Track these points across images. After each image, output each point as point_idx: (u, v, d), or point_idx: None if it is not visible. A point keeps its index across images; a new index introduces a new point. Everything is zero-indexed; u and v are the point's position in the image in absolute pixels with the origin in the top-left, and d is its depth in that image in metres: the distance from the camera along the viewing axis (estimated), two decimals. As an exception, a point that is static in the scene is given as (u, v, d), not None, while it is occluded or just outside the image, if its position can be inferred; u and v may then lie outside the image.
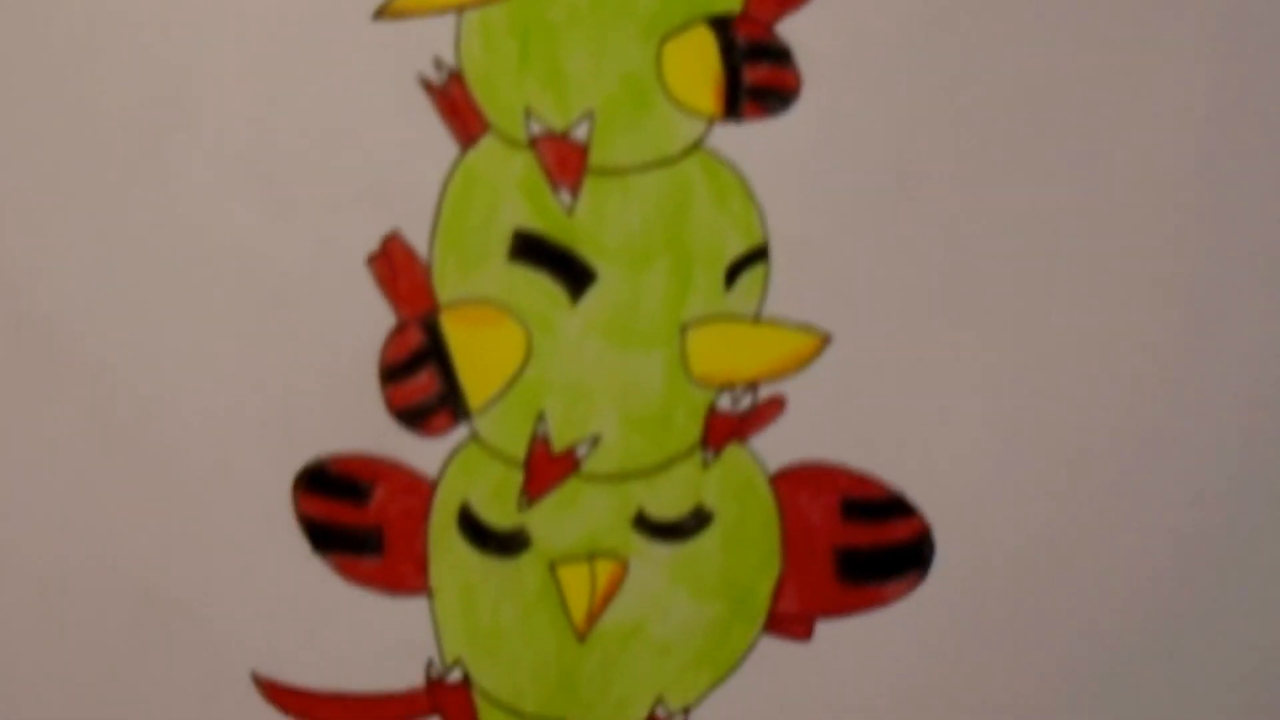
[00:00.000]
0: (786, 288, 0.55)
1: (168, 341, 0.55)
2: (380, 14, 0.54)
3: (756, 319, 0.55)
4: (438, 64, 0.55)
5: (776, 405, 0.56)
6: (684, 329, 0.55)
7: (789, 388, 0.55)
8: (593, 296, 0.55)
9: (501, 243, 0.55)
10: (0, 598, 0.56)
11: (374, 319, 0.55)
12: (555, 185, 0.55)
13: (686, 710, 0.57)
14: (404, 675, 0.56)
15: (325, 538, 0.56)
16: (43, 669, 0.57)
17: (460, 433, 0.55)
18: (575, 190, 0.55)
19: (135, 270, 0.55)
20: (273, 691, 0.57)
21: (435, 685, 0.57)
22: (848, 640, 0.57)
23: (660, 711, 0.57)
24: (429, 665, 0.56)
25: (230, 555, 0.56)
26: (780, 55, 0.55)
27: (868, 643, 0.57)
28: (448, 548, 0.56)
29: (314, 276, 0.55)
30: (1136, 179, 0.55)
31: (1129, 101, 0.55)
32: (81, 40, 0.55)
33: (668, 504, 0.56)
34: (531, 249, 0.55)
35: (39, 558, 0.56)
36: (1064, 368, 0.56)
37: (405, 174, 0.55)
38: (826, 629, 0.57)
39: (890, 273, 0.55)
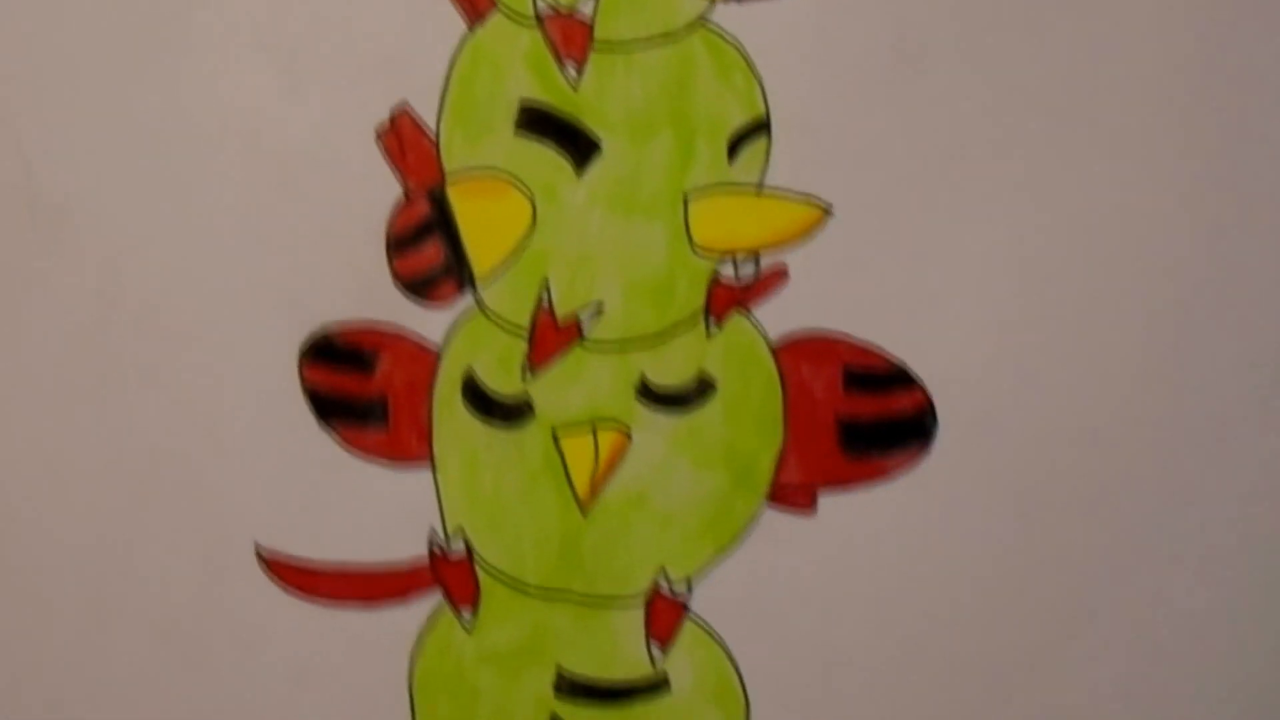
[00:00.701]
0: (788, 161, 0.55)
1: (178, 214, 0.56)
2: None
3: (759, 190, 0.56)
4: (446, -55, 0.56)
5: (779, 275, 0.56)
6: (686, 199, 0.55)
7: (791, 259, 0.56)
8: (597, 168, 0.55)
9: (508, 116, 0.55)
10: (8, 468, 0.57)
11: (382, 191, 0.56)
12: (561, 60, 0.55)
13: (689, 582, 0.58)
14: (407, 546, 0.57)
15: (330, 408, 0.56)
16: (47, 539, 0.57)
17: (465, 302, 0.56)
18: (581, 65, 0.55)
19: (146, 145, 0.56)
20: (275, 566, 0.57)
21: (437, 558, 0.57)
22: (851, 513, 0.57)
23: (663, 583, 0.57)
24: (431, 537, 0.57)
25: (236, 426, 0.56)
26: (782, -66, 0.56)
27: (871, 516, 0.56)
28: (452, 417, 0.56)
29: (323, 150, 0.55)
30: (1144, 48, 0.56)
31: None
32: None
33: (671, 373, 0.56)
34: (537, 122, 0.55)
35: (47, 429, 0.57)
36: (1068, 240, 0.56)
37: (414, 50, 0.55)
38: (829, 501, 0.57)
39: (892, 146, 0.55)
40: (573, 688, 0.58)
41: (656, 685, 0.58)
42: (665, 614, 0.57)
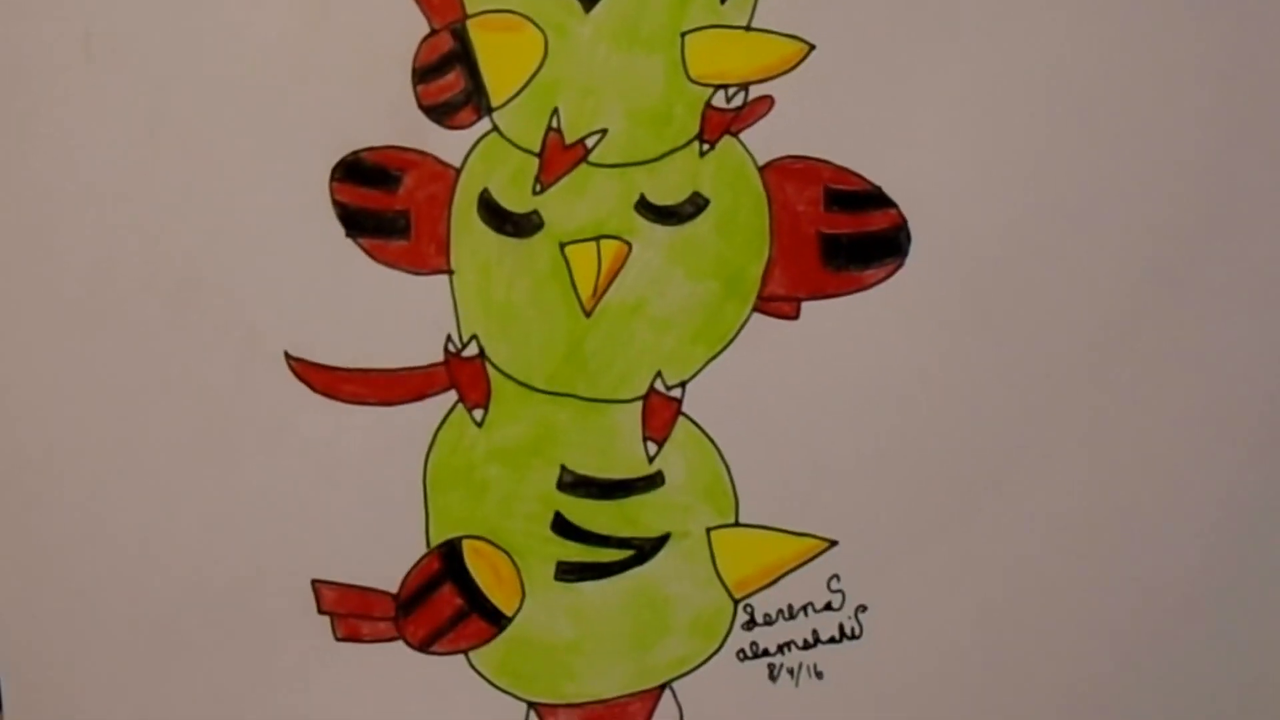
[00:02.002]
0: (775, 4, 0.62)
1: (224, 46, 0.61)
2: None
3: (748, 28, 0.62)
4: None
5: (766, 103, 0.62)
6: (683, 35, 0.61)
7: (777, 90, 0.62)
8: (603, 6, 0.61)
9: (523, -40, 0.62)
10: (49, 271, 0.61)
11: (409, 27, 0.61)
12: (571, -90, 0.62)
13: (683, 383, 0.63)
14: (425, 351, 0.62)
15: (358, 222, 0.61)
16: (86, 342, 0.62)
17: (483, 126, 0.61)
18: (589, -85, 0.62)
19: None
20: (302, 368, 0.62)
21: (452, 360, 0.62)
22: (831, 321, 0.62)
23: (659, 384, 0.63)
24: (447, 341, 0.62)
25: (270, 239, 0.61)
26: None
27: (850, 323, 0.62)
28: (468, 230, 0.62)
29: (355, -11, 0.62)
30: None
31: None
32: None
33: (668, 190, 0.62)
34: (549, -36, 0.62)
35: (88, 237, 0.61)
36: (1038, 69, 0.61)
37: (438, -99, 0.62)
38: (812, 310, 0.62)
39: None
40: (575, 483, 0.63)
41: (652, 480, 0.63)
42: (660, 412, 0.63)
